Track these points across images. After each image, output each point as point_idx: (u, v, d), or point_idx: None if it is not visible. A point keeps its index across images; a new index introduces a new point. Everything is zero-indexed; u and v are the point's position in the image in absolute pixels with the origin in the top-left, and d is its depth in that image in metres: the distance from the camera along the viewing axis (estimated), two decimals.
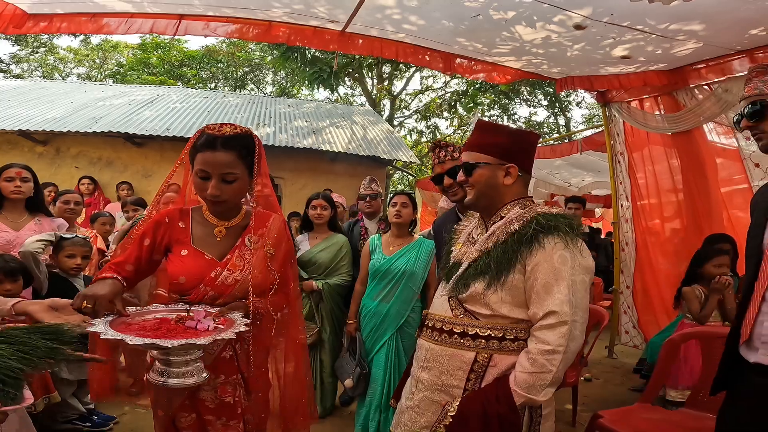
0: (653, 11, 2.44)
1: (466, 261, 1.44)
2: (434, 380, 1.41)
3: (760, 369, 1.30)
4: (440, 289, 1.54)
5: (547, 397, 1.28)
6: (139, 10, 3.13)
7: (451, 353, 1.39)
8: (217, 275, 1.49)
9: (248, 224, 1.58)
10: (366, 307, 2.89)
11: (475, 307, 1.39)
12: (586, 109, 20.13)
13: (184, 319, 1.31)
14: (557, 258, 1.30)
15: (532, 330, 1.33)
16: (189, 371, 1.23)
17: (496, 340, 1.35)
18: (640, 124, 4.14)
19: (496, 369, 1.34)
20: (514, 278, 1.33)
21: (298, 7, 3.00)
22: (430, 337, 1.46)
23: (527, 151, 1.50)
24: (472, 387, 1.35)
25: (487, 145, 1.46)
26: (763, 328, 1.30)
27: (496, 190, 1.46)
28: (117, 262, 1.49)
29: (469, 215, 1.71)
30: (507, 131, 1.51)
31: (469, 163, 1.47)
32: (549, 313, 1.28)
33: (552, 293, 1.28)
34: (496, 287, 1.34)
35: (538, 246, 1.32)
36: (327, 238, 3.35)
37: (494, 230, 1.43)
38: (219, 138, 1.45)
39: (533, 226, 1.33)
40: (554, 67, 3.72)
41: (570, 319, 1.27)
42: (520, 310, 1.35)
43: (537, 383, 1.26)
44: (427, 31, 3.20)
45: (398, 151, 9.22)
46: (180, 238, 1.54)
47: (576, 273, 1.31)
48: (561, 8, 2.48)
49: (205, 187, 1.46)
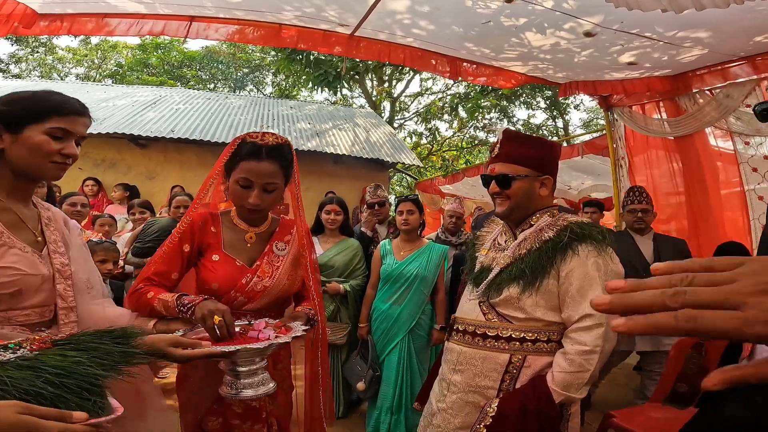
0: (663, 19, 2.48)
1: (497, 266, 1.49)
2: (468, 382, 1.46)
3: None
4: (468, 294, 1.59)
5: (584, 395, 1.34)
6: (150, 11, 3.15)
7: (484, 355, 1.44)
8: (248, 282, 1.50)
9: (275, 230, 1.60)
10: (378, 310, 2.93)
11: (508, 311, 1.44)
12: (585, 113, 20.24)
13: (246, 330, 1.33)
14: (591, 265, 1.37)
15: (567, 332, 1.38)
16: (257, 381, 1.25)
17: (530, 342, 1.41)
18: (641, 128, 4.20)
19: (530, 370, 1.40)
20: (549, 283, 1.39)
21: (309, 11, 3.03)
22: (462, 341, 1.51)
23: (557, 161, 1.56)
24: (506, 387, 1.40)
25: (523, 157, 1.50)
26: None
27: (530, 201, 1.51)
28: (160, 272, 1.46)
29: (491, 222, 1.75)
30: (540, 143, 1.56)
31: (508, 175, 1.49)
32: (585, 316, 1.34)
33: (587, 297, 1.34)
34: (530, 292, 1.40)
35: (573, 253, 1.38)
36: (340, 242, 3.37)
37: (526, 237, 1.48)
38: (264, 148, 1.45)
39: (568, 235, 1.39)
40: (559, 72, 3.77)
41: (605, 321, 1.33)
42: (553, 313, 1.41)
43: (575, 382, 1.32)
44: (436, 36, 3.24)
45: (401, 153, 9.26)
46: (211, 242, 1.53)
47: (609, 278, 1.37)
48: (573, 16, 2.53)
49: (246, 196, 1.46)
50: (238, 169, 1.46)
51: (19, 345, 0.85)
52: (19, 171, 1.18)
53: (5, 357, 0.80)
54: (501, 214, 1.55)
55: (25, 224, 1.21)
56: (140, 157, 8.09)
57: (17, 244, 1.14)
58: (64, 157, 1.19)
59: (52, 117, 1.16)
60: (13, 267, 1.11)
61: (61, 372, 0.79)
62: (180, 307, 1.33)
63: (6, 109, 1.15)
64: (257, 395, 1.25)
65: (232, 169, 1.48)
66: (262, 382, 1.26)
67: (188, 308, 1.31)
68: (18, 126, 1.14)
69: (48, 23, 3.13)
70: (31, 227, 1.22)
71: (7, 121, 1.14)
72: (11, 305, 1.12)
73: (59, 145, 1.17)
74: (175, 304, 1.34)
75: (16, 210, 1.20)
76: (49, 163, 1.17)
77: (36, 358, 0.82)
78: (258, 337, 1.29)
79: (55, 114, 1.17)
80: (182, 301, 1.33)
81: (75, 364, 0.82)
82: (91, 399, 0.79)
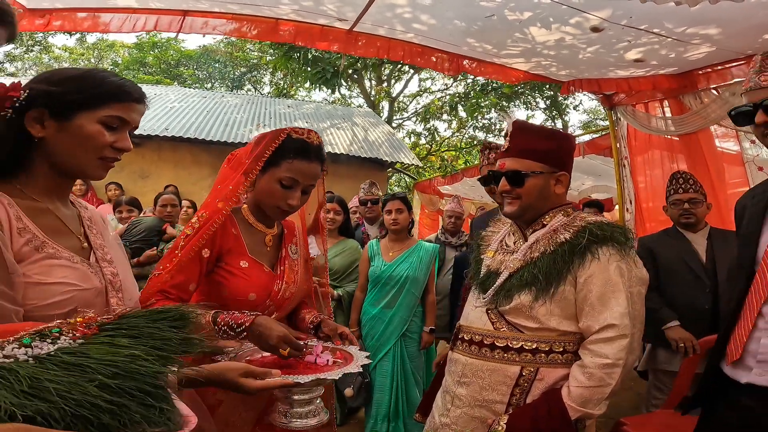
0: (672, 14, 2.40)
1: (507, 271, 1.37)
2: (474, 396, 1.35)
3: (752, 390, 1.18)
4: (473, 300, 1.47)
5: (602, 411, 1.23)
6: (142, 5, 3.06)
7: (492, 368, 1.33)
8: (279, 289, 1.38)
9: (283, 232, 1.50)
10: (368, 314, 2.83)
11: (519, 320, 1.33)
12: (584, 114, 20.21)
13: (303, 354, 1.22)
14: (614, 269, 1.26)
15: (586, 343, 1.27)
16: (312, 410, 1.15)
17: (543, 354, 1.30)
18: (644, 126, 4.12)
19: (543, 383, 1.29)
20: (565, 290, 1.28)
21: (307, 4, 2.94)
22: (468, 351, 1.40)
23: (572, 155, 1.45)
24: (516, 402, 1.30)
25: (537, 151, 1.37)
26: (761, 345, 1.18)
27: (544, 200, 1.39)
28: (178, 283, 1.28)
29: (497, 221, 1.64)
30: (553, 134, 1.44)
31: (519, 172, 1.37)
32: (607, 326, 1.23)
33: (609, 306, 1.24)
34: (544, 299, 1.29)
35: (592, 257, 1.27)
36: (339, 243, 3.28)
37: (538, 239, 1.37)
38: (313, 147, 1.35)
39: (586, 237, 1.27)
40: (563, 70, 3.69)
41: (630, 332, 1.23)
42: (569, 322, 1.30)
43: (594, 397, 1.22)
44: (437, 32, 3.15)
45: (399, 153, 9.18)
46: (233, 246, 1.37)
47: (633, 284, 1.27)
48: (580, 10, 2.44)
49: (286, 197, 1.35)
50: (282, 167, 1.34)
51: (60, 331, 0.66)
52: (59, 165, 0.98)
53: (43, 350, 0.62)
54: (511, 215, 1.42)
55: (67, 228, 1.01)
56: (133, 156, 7.94)
57: (64, 254, 0.95)
58: (116, 152, 1.00)
59: (110, 103, 0.97)
60: (65, 282, 0.93)
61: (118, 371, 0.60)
62: (225, 329, 1.18)
63: (56, 90, 0.95)
64: (309, 426, 1.14)
65: (272, 166, 1.34)
66: (316, 412, 1.15)
67: (240, 330, 1.18)
68: (68, 111, 0.95)
69: (37, 19, 3.04)
70: (74, 231, 1.02)
71: (56, 105, 0.94)
72: None
73: (113, 137, 0.98)
74: (217, 325, 1.18)
75: (55, 211, 1.00)
76: (98, 159, 0.99)
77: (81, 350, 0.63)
78: (316, 362, 1.18)
79: (114, 99, 0.98)
80: (226, 322, 1.18)
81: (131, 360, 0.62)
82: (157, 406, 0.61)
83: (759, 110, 1.21)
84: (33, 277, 0.89)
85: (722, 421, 1.29)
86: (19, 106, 0.91)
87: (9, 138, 0.93)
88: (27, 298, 0.87)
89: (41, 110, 0.94)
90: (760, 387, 1.17)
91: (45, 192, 0.98)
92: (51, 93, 0.94)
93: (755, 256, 1.25)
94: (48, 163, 0.98)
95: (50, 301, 0.89)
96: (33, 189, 0.97)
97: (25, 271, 0.88)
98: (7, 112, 0.91)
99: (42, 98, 0.93)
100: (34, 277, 0.89)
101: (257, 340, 1.19)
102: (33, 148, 0.96)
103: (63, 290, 0.92)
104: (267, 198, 1.37)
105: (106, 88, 0.98)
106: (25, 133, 0.94)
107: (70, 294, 0.93)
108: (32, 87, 0.94)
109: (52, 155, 0.97)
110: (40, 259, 0.91)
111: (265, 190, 1.36)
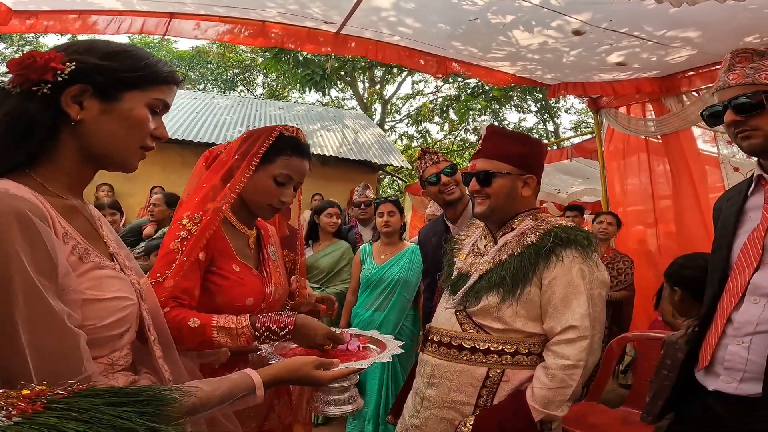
0: (652, 18, 2.43)
1: (476, 273, 1.40)
2: (443, 397, 1.37)
3: (720, 397, 1.18)
4: (444, 302, 1.50)
5: (565, 413, 1.25)
6: (127, 7, 3.06)
7: (460, 369, 1.35)
8: (271, 292, 1.37)
9: (260, 233, 1.48)
10: (359, 317, 2.84)
11: (486, 321, 1.35)
12: (575, 116, 20.36)
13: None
14: (576, 272, 1.28)
15: (549, 344, 1.30)
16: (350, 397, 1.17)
17: (509, 355, 1.32)
18: (625, 128, 4.16)
19: (509, 384, 1.31)
20: (530, 292, 1.31)
21: (293, 7, 2.95)
22: (437, 353, 1.41)
23: (542, 161, 1.48)
24: (483, 403, 1.31)
25: (506, 154, 1.41)
26: (727, 352, 1.18)
27: (512, 202, 1.42)
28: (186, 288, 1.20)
29: (471, 225, 1.66)
30: (525, 140, 1.48)
31: (488, 171, 1.40)
32: (568, 328, 1.26)
33: (571, 307, 1.26)
34: (511, 301, 1.31)
35: (557, 259, 1.30)
36: (332, 245, 3.35)
37: (507, 242, 1.39)
38: (304, 145, 1.37)
39: (551, 239, 1.30)
40: (548, 73, 3.73)
41: (590, 334, 1.25)
42: (535, 324, 1.32)
43: (557, 398, 1.23)
44: (422, 35, 3.17)
45: (390, 155, 9.19)
46: (225, 250, 1.32)
47: (594, 287, 1.30)
48: (561, 13, 2.47)
49: (278, 194, 1.33)
50: (278, 164, 1.32)
51: None
52: (96, 155, 0.82)
53: None
54: (480, 215, 1.45)
55: (96, 231, 0.86)
56: None
57: (106, 262, 0.81)
58: (154, 140, 0.87)
59: (159, 84, 0.85)
60: (121, 296, 0.80)
61: None
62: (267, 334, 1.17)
63: (108, 65, 0.79)
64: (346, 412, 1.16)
65: (266, 163, 1.32)
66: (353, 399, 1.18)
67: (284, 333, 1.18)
68: (117, 91, 0.80)
69: (23, 20, 3.03)
70: (100, 234, 0.88)
71: (104, 83, 0.79)
72: (115, 346, 0.81)
73: (154, 123, 0.86)
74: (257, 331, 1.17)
75: (81, 210, 0.84)
76: (139, 147, 0.85)
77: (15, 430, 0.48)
78: (347, 349, 1.22)
79: (162, 81, 0.85)
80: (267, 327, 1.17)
81: None
82: None
83: (728, 109, 1.19)
84: (86, 293, 0.74)
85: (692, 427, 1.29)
86: (62, 81, 0.75)
87: (43, 122, 0.76)
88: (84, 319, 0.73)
89: (84, 87, 0.78)
90: (726, 395, 1.17)
91: (69, 187, 0.82)
92: (101, 68, 0.79)
93: (728, 260, 1.24)
94: (80, 152, 0.81)
95: (109, 321, 0.77)
96: (56, 183, 0.79)
97: (76, 286, 0.73)
98: (42, 88, 0.75)
99: (88, 73, 0.78)
100: (87, 293, 0.75)
101: (302, 339, 1.20)
102: (60, 133, 0.79)
103: (121, 306, 0.80)
104: (259, 196, 1.33)
105: (158, 68, 0.85)
106: (57, 114, 0.77)
107: (127, 310, 0.81)
108: (77, 59, 0.77)
109: (89, 142, 0.80)
110: (87, 270, 0.77)
111: (257, 188, 1.32)
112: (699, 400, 1.26)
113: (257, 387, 0.91)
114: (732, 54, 1.22)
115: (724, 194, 1.39)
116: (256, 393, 0.91)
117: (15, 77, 0.75)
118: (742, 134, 1.19)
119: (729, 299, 1.20)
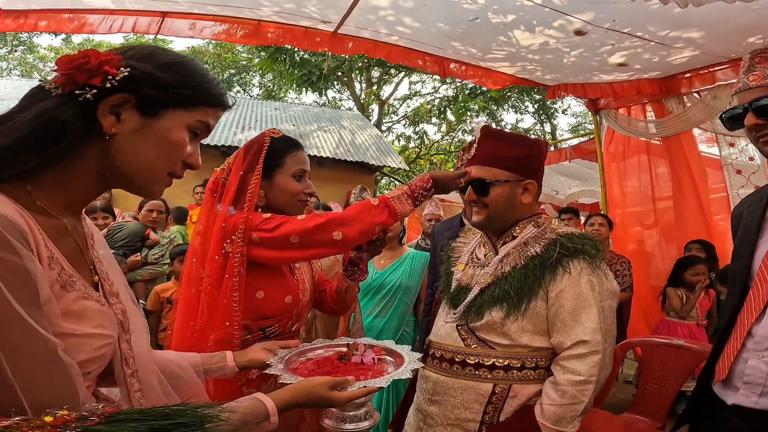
0: (656, 17, 2.39)
1: (477, 286, 1.32)
2: (446, 414, 1.30)
3: (738, 411, 1.14)
4: (444, 315, 1.42)
5: (576, 429, 1.19)
6: (119, 6, 2.99)
7: (464, 385, 1.28)
8: (302, 291, 1.39)
9: None
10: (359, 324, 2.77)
11: (490, 336, 1.28)
12: (573, 117, 20.37)
13: (348, 355, 1.18)
14: (585, 283, 1.22)
15: (558, 359, 1.23)
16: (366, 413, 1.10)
17: (515, 370, 1.25)
18: (625, 129, 4.12)
19: (516, 400, 1.24)
20: (536, 305, 1.24)
21: (289, 6, 2.89)
22: (439, 369, 1.34)
23: (542, 163, 1.40)
24: (489, 420, 1.25)
25: (503, 159, 1.32)
26: (747, 366, 1.13)
27: (512, 210, 1.34)
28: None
29: (468, 230, 1.59)
30: (523, 141, 1.39)
31: (485, 180, 1.32)
32: (579, 342, 1.19)
33: (581, 321, 1.20)
34: (516, 316, 1.24)
35: (563, 271, 1.23)
36: None
37: (508, 252, 1.32)
38: (294, 138, 1.44)
39: (557, 250, 1.23)
40: (548, 74, 3.68)
41: (601, 348, 1.19)
42: (541, 338, 1.26)
43: (567, 415, 1.17)
44: (421, 35, 3.12)
45: (387, 156, 9.14)
46: None
47: (604, 298, 1.23)
48: (563, 13, 2.42)
49: (303, 187, 1.40)
50: (288, 163, 1.38)
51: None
52: (115, 173, 0.73)
53: None
54: (478, 225, 1.38)
55: (82, 254, 0.75)
56: None
57: (93, 294, 0.72)
58: (185, 168, 0.79)
59: (205, 106, 0.77)
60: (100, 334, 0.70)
61: None
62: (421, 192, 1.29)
63: (163, 77, 0.71)
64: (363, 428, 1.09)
65: (277, 168, 1.37)
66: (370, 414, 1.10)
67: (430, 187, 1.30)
68: (161, 107, 0.72)
69: (14, 20, 2.96)
70: (86, 256, 0.76)
71: (150, 96, 0.71)
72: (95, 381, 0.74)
73: (191, 147, 0.77)
74: (414, 193, 1.29)
75: (72, 230, 0.73)
76: (168, 174, 0.76)
77: None
78: (362, 362, 1.15)
79: (210, 103, 0.78)
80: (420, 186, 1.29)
81: None
82: None
83: (749, 112, 1.15)
84: (63, 326, 0.64)
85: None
86: (110, 87, 0.68)
87: (74, 130, 0.67)
88: None
89: (127, 96, 0.69)
90: (746, 408, 1.13)
91: (66, 204, 0.72)
92: (154, 78, 0.70)
93: (749, 270, 1.19)
94: (99, 169, 0.72)
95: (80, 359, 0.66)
96: (50, 199, 0.69)
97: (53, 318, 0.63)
98: (86, 92, 0.67)
99: (139, 82, 0.70)
100: (63, 326, 0.64)
101: (442, 189, 1.31)
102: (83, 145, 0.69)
103: (97, 345, 0.69)
104: (287, 196, 1.38)
105: (210, 87, 0.77)
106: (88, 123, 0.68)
107: (102, 350, 0.70)
108: (132, 65, 0.70)
109: (114, 160, 0.71)
110: (71, 301, 0.67)
111: (282, 192, 1.37)
112: (716, 413, 1.22)
113: (271, 414, 0.87)
114: (751, 54, 1.17)
115: (745, 200, 1.32)
116: (270, 419, 0.87)
117: (60, 76, 0.67)
118: (764, 138, 1.14)
119: (750, 312, 1.15)
